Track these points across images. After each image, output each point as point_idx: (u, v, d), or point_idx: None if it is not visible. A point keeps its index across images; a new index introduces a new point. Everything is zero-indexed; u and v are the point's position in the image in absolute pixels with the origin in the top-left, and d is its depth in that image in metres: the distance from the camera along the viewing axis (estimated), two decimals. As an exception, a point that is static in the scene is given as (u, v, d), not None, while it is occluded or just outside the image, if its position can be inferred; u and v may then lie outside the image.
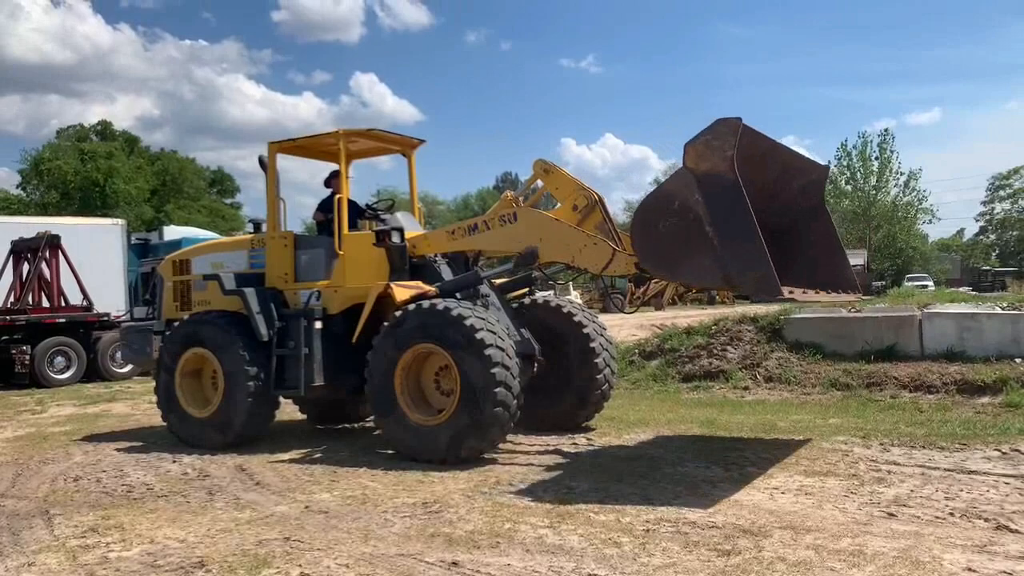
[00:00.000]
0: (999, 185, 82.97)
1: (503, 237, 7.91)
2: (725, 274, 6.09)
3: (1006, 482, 5.98)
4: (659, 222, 6.31)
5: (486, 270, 8.40)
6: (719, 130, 6.01)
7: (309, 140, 9.04)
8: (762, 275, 5.89)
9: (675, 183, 6.31)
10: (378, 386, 7.50)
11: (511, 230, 7.83)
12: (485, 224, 8.05)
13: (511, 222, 7.85)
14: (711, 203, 6.01)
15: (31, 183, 59.82)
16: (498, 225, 7.93)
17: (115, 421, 11.12)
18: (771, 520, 5.14)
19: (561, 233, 7.61)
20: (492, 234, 7.99)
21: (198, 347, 8.56)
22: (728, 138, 5.96)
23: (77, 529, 5.51)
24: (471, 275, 8.15)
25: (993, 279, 48.13)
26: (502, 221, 7.90)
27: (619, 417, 9.36)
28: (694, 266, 6.29)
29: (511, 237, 7.83)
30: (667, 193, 6.32)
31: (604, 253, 7.32)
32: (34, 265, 16.99)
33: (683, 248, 6.20)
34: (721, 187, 5.97)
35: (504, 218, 7.91)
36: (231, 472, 7.26)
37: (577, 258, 7.50)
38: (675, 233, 6.18)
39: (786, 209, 7.29)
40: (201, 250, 9.81)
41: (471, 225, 8.18)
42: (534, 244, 7.62)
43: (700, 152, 6.08)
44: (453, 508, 5.66)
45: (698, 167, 6.09)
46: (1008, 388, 9.61)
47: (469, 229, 8.15)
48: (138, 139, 67.55)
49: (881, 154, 55.13)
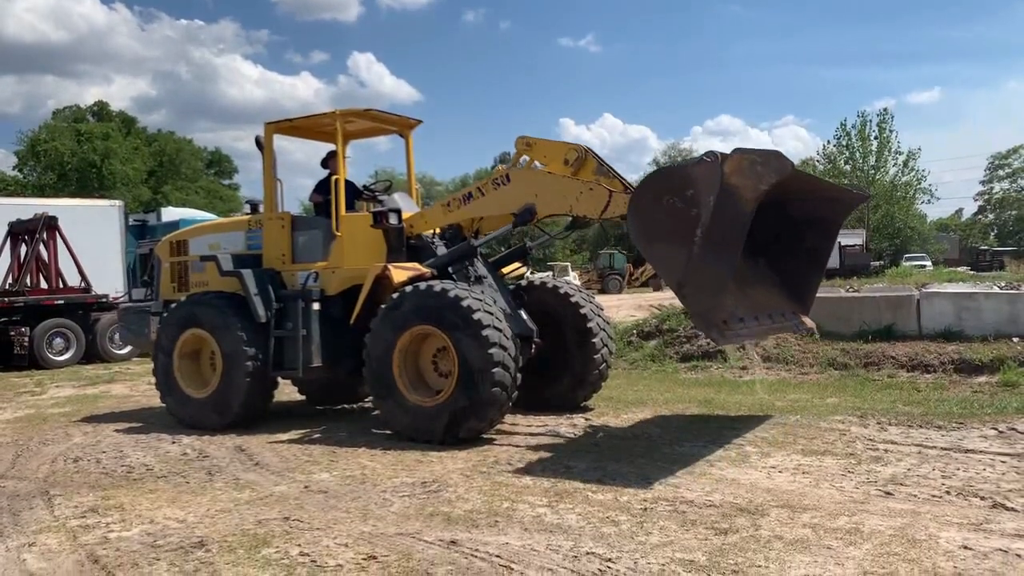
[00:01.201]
0: (998, 165, 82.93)
1: (499, 200, 7.86)
2: (681, 281, 6.06)
3: (1002, 461, 6.00)
4: (665, 196, 6.22)
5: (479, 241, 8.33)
6: (770, 161, 5.82)
7: (306, 120, 8.99)
8: (709, 308, 6.07)
9: (702, 173, 6.06)
10: (376, 368, 7.50)
11: (506, 191, 7.78)
12: (479, 191, 8.00)
13: (505, 183, 7.80)
14: (716, 215, 5.88)
15: (28, 164, 59.62)
16: (492, 189, 7.88)
17: (114, 402, 11.14)
18: (768, 499, 5.16)
19: (556, 184, 7.55)
20: (487, 199, 7.94)
21: (196, 328, 8.57)
22: (772, 174, 5.78)
23: (77, 509, 5.53)
24: (464, 246, 8.12)
25: (991, 259, 48.25)
26: (495, 184, 7.87)
27: (617, 397, 9.39)
28: (665, 254, 6.27)
29: (507, 198, 7.77)
30: (689, 176, 6.14)
31: (601, 197, 7.25)
32: (32, 247, 16.96)
33: (668, 232, 6.13)
34: (734, 210, 5.85)
35: (497, 181, 7.87)
36: (230, 453, 7.28)
37: (575, 206, 7.43)
38: (670, 215, 6.11)
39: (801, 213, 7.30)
40: (198, 231, 9.79)
41: (465, 194, 8.13)
42: (530, 201, 7.60)
43: (742, 167, 5.86)
44: (452, 487, 5.69)
45: (730, 177, 5.88)
46: (1005, 367, 9.64)
47: (464, 199, 8.10)
48: (135, 120, 67.34)
49: (880, 133, 54.92)
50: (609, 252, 54.31)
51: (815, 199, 7.42)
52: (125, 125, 64.50)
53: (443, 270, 7.98)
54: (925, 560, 4.04)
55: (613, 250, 55.37)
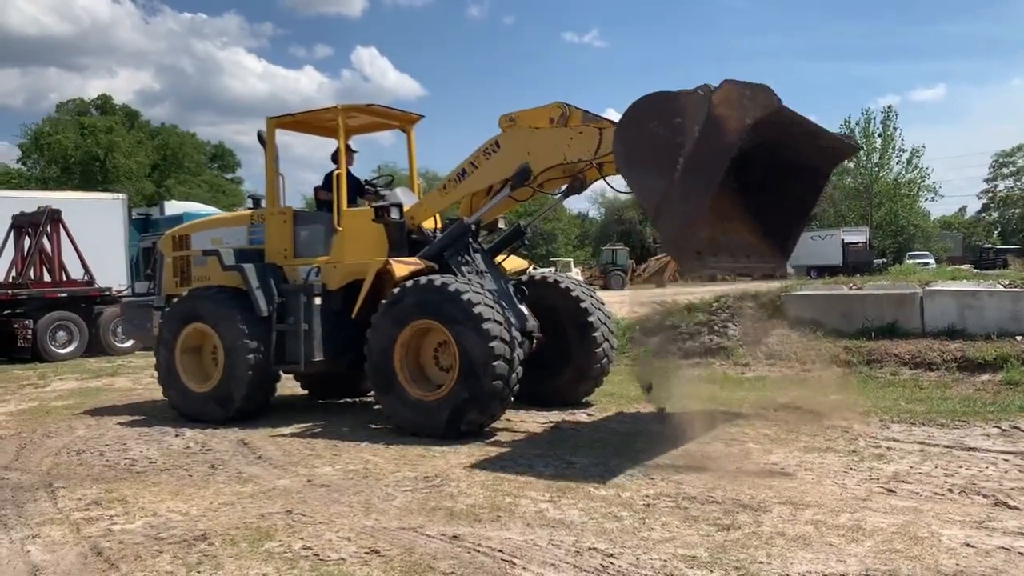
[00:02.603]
0: (1002, 163, 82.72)
1: (494, 167, 7.86)
2: (658, 206, 6.02)
3: (1005, 459, 5.99)
4: (651, 122, 6.17)
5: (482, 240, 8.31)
6: (759, 95, 5.79)
7: (308, 115, 9.00)
8: (683, 236, 5.96)
9: (691, 102, 6.03)
10: (377, 362, 7.51)
11: (498, 157, 7.80)
12: (472, 165, 8.00)
13: (495, 150, 7.83)
14: (700, 145, 5.87)
15: (31, 157, 59.73)
16: (484, 159, 7.90)
17: (117, 395, 11.17)
18: (771, 495, 5.16)
19: (545, 137, 7.58)
20: (482, 171, 7.94)
21: (198, 322, 8.58)
22: (759, 108, 5.76)
23: (81, 502, 5.55)
24: (457, 225, 8.12)
25: (995, 257, 48.08)
26: (487, 154, 7.89)
27: (619, 393, 9.38)
28: (645, 179, 6.20)
29: (501, 163, 7.79)
30: (677, 104, 6.10)
31: (592, 136, 7.28)
32: (35, 239, 16.99)
33: (650, 157, 6.08)
34: (719, 141, 5.82)
35: (488, 151, 7.89)
36: (233, 446, 7.29)
37: (568, 153, 7.43)
38: (655, 140, 6.07)
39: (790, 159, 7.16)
40: (201, 226, 9.80)
41: (459, 172, 8.10)
42: (524, 160, 7.59)
43: (730, 98, 5.85)
44: (454, 482, 5.69)
45: (718, 107, 5.87)
46: (1008, 365, 9.60)
47: (459, 176, 8.09)
48: (138, 113, 67.49)
49: (884, 131, 54.95)
50: (612, 248, 54.32)
51: (805, 146, 7.20)
52: (129, 119, 64.61)
53: (440, 256, 7.95)
54: (927, 557, 4.04)
55: (616, 246, 55.37)
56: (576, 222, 74.17)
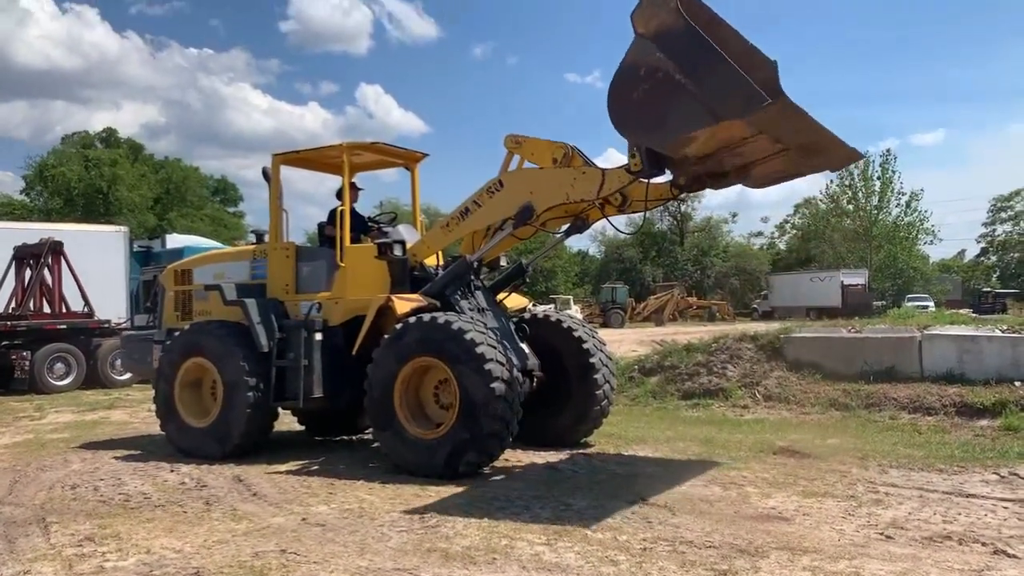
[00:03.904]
0: (1000, 207, 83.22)
1: (496, 206, 7.88)
2: (710, 108, 5.84)
3: (1004, 506, 5.97)
4: (632, 94, 6.22)
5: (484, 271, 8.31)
6: None
7: (313, 152, 9.08)
8: (745, 93, 5.69)
9: (633, 53, 6.22)
10: (377, 399, 7.50)
11: (501, 196, 7.82)
12: (475, 203, 8.02)
13: (499, 189, 7.85)
14: (673, 55, 5.94)
15: (35, 189, 60.03)
16: (488, 198, 7.92)
17: (113, 429, 11.12)
18: (768, 540, 5.13)
19: (548, 177, 7.62)
20: (485, 209, 7.96)
21: (198, 357, 8.58)
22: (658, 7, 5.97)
23: (74, 537, 5.51)
24: (459, 263, 8.15)
25: (994, 301, 48.16)
26: (490, 193, 7.91)
27: (618, 434, 9.35)
28: (680, 116, 6.06)
29: (504, 202, 7.80)
30: (630, 64, 6.23)
31: (594, 177, 7.31)
32: (36, 271, 17.03)
33: (664, 105, 6.07)
34: (676, 36, 5.94)
35: (491, 189, 7.91)
36: (229, 482, 7.25)
37: (571, 193, 7.45)
38: (651, 96, 6.09)
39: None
40: (203, 260, 9.84)
41: (463, 210, 8.13)
42: (526, 199, 7.62)
43: (646, 15, 6.08)
44: (450, 523, 5.66)
45: (648, 29, 6.07)
46: (1007, 411, 9.60)
47: (462, 215, 8.12)
48: (143, 146, 67.92)
49: (883, 174, 55.28)
50: (612, 286, 54.43)
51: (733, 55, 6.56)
52: (133, 152, 65.03)
53: (441, 293, 7.98)
54: (926, 607, 4.01)
55: (616, 284, 55.47)
56: (576, 259, 74.35)
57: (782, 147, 6.18)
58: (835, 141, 6.25)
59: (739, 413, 11.13)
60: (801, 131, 5.99)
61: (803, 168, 6.73)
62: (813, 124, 5.88)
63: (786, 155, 6.37)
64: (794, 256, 73.43)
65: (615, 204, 7.57)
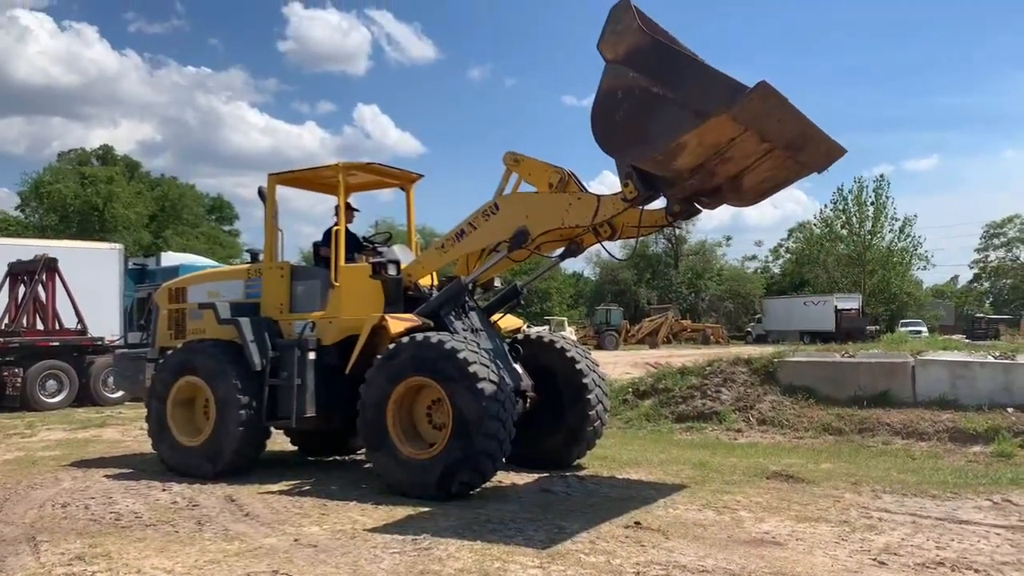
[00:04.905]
0: (993, 233, 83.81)
1: (492, 229, 7.89)
2: (694, 109, 5.82)
3: (997, 533, 5.97)
4: (614, 116, 6.32)
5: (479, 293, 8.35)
6: (616, 15, 6.24)
7: (308, 172, 9.12)
8: (725, 87, 5.72)
9: (608, 79, 6.36)
10: (370, 419, 7.48)
11: (497, 219, 7.83)
12: (471, 225, 8.03)
13: (494, 212, 7.86)
14: (646, 71, 6.08)
15: (30, 205, 60.05)
16: (483, 221, 7.93)
17: (105, 447, 11.06)
18: (761, 565, 5.12)
19: (543, 202, 7.63)
20: (480, 232, 7.97)
21: (191, 375, 8.56)
22: (627, 16, 6.17)
23: (64, 556, 5.47)
24: (454, 284, 8.16)
25: (987, 327, 48.31)
26: (485, 216, 7.92)
27: (612, 456, 9.34)
28: (665, 124, 6.04)
29: (499, 226, 7.81)
30: (606, 91, 6.36)
31: (589, 203, 7.33)
32: (30, 287, 17.00)
33: (648, 118, 6.13)
34: (646, 54, 6.10)
35: (487, 212, 7.92)
36: (221, 502, 7.21)
37: (566, 218, 7.47)
38: (633, 113, 6.18)
39: None
40: (197, 279, 9.84)
41: (458, 232, 8.14)
42: (521, 223, 7.64)
43: (612, 42, 6.26)
44: (443, 545, 5.63)
45: (617, 54, 6.24)
46: (1000, 437, 9.62)
47: (457, 236, 8.14)
48: (139, 164, 68.08)
49: (876, 199, 55.66)
50: (606, 308, 54.48)
51: None
52: (129, 169, 65.17)
53: (436, 313, 7.99)
54: (919, 633, 4.00)
55: (610, 306, 55.52)
56: (571, 281, 74.49)
57: (769, 145, 6.23)
58: (818, 133, 6.32)
59: (733, 437, 11.12)
60: (785, 122, 6.02)
61: (791, 170, 6.73)
62: (796, 113, 5.94)
63: (773, 156, 6.41)
64: (788, 280, 73.70)
65: (605, 234, 7.61)
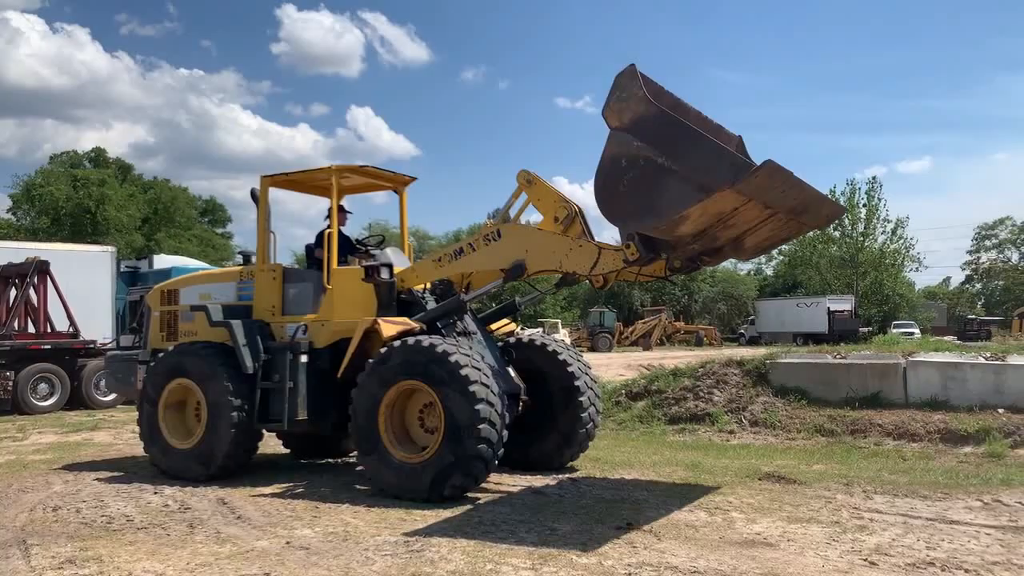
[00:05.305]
0: (985, 235, 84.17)
1: (489, 255, 7.91)
2: (698, 184, 5.90)
3: (987, 533, 5.99)
4: (619, 186, 6.35)
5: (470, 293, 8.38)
6: (622, 83, 6.30)
7: (301, 175, 9.10)
8: (731, 163, 5.81)
9: (612, 146, 6.41)
10: (362, 422, 7.48)
11: (496, 247, 7.84)
12: (470, 246, 8.06)
13: (496, 239, 7.86)
14: (651, 141, 6.12)
15: (22, 208, 59.79)
16: (483, 245, 7.94)
17: (97, 450, 11.03)
18: (753, 566, 5.13)
19: (545, 241, 7.62)
20: (478, 255, 7.99)
21: (183, 378, 8.54)
22: (633, 84, 6.24)
23: (55, 560, 5.45)
24: (453, 300, 8.16)
25: (979, 328, 48.50)
26: (486, 240, 7.93)
27: (604, 458, 9.35)
28: (670, 197, 6.12)
29: (497, 254, 7.83)
30: (611, 158, 6.41)
31: (590, 253, 7.31)
32: (22, 290, 16.93)
33: (652, 190, 6.18)
34: (651, 124, 6.15)
35: (488, 237, 7.93)
36: (212, 505, 7.20)
37: (564, 263, 7.46)
38: (638, 184, 6.22)
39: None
40: (189, 280, 9.82)
41: (456, 249, 8.18)
42: (520, 257, 7.65)
43: (617, 109, 6.33)
44: (435, 547, 5.63)
45: (622, 122, 6.30)
46: (990, 438, 9.67)
47: (455, 254, 8.16)
48: (131, 167, 67.80)
49: (869, 201, 55.81)
50: (599, 310, 54.52)
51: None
52: (121, 172, 64.92)
53: (432, 325, 8.01)
54: (908, 633, 4.02)
55: (603, 308, 55.57)
56: (564, 284, 74.45)
57: (772, 212, 6.30)
58: (821, 198, 6.39)
59: (725, 438, 11.14)
60: (789, 192, 6.11)
61: (792, 230, 6.85)
62: (799, 183, 5.99)
63: (775, 219, 6.47)
64: (781, 282, 73.86)
65: (597, 284, 7.59)
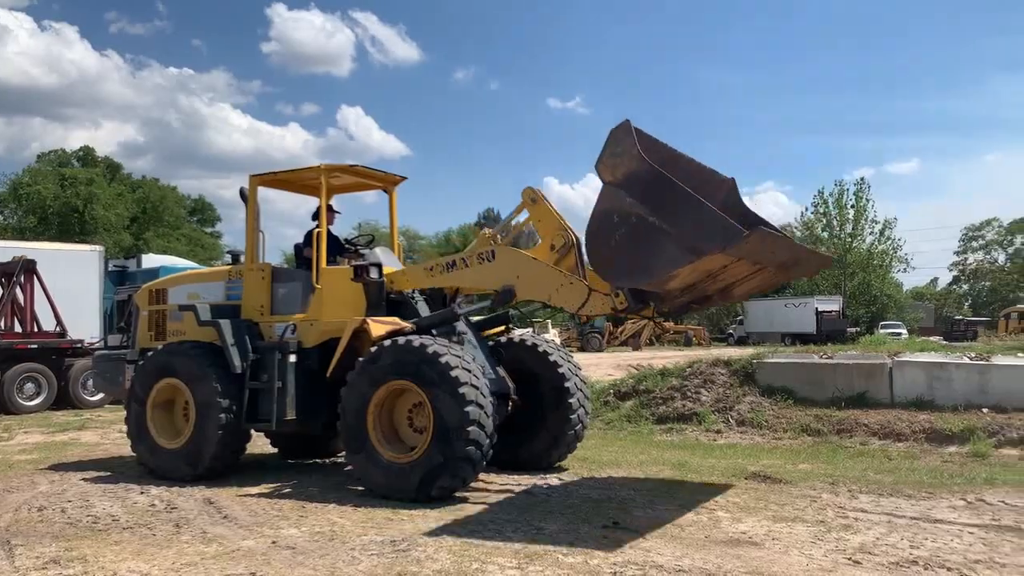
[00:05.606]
0: (972, 236, 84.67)
1: (481, 274, 7.96)
2: (692, 246, 5.91)
3: (970, 532, 6.05)
4: (610, 241, 6.40)
5: (463, 307, 8.45)
6: (617, 137, 6.34)
7: (290, 174, 9.09)
8: (722, 227, 5.80)
9: (605, 201, 6.46)
10: (351, 422, 7.48)
11: (489, 268, 7.88)
12: (463, 261, 8.10)
13: (489, 260, 7.90)
14: (644, 199, 6.15)
15: (9, 207, 59.43)
16: (476, 263, 7.98)
17: (83, 450, 10.98)
18: (738, 565, 5.16)
19: (538, 272, 7.64)
20: (470, 271, 8.03)
21: (171, 377, 8.52)
22: (627, 140, 6.27)
23: (39, 560, 5.43)
24: (448, 312, 8.18)
25: (965, 328, 48.81)
26: (480, 259, 7.96)
27: (592, 458, 9.37)
28: (662, 258, 6.13)
29: (489, 275, 7.87)
30: (602, 212, 6.46)
31: (580, 292, 7.34)
32: (8, 290, 16.84)
33: (643, 247, 6.20)
34: (644, 181, 6.17)
35: (482, 256, 7.96)
36: (199, 505, 7.19)
37: (554, 297, 7.52)
38: (628, 241, 6.26)
39: None
40: (178, 280, 9.79)
41: (449, 262, 8.23)
42: (511, 282, 7.67)
43: (610, 164, 6.37)
44: (421, 547, 5.64)
45: (616, 177, 6.34)
46: (975, 438, 9.75)
47: (447, 266, 8.20)
48: (120, 166, 67.47)
49: (857, 202, 56.10)
50: (589, 311, 54.48)
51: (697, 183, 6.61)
52: (110, 171, 64.60)
53: (425, 332, 8.00)
54: (890, 631, 4.05)
55: (593, 309, 55.54)
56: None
57: (760, 267, 6.37)
58: (809, 254, 6.50)
59: (712, 438, 11.19)
60: (778, 252, 6.17)
61: (781, 279, 7.00)
62: (789, 243, 6.08)
63: (764, 272, 6.54)
64: (770, 282, 74.01)
65: (583, 321, 7.66)
